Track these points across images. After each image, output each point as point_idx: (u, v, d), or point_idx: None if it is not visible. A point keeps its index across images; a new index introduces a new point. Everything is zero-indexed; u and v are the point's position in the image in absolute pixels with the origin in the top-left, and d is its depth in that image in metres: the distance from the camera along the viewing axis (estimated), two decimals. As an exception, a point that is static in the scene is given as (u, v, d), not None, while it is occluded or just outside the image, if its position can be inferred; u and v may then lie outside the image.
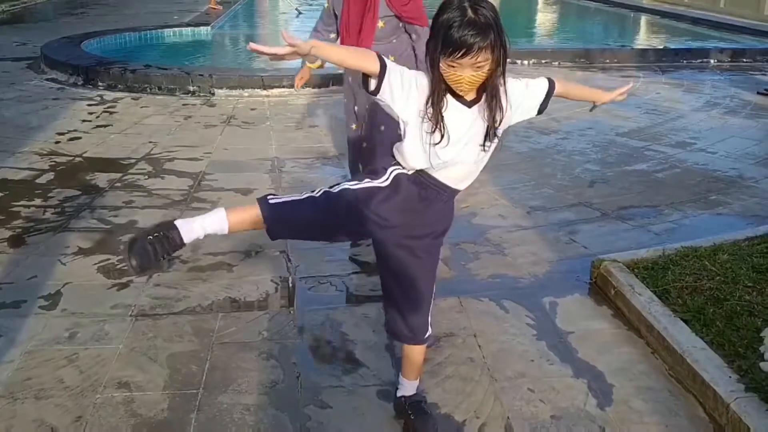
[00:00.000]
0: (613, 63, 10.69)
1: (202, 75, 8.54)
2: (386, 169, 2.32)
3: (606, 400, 2.82)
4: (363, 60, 2.12)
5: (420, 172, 2.28)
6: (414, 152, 2.22)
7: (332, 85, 8.34)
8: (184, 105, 7.89)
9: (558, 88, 2.38)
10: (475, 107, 2.18)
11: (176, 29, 13.08)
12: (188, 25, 13.49)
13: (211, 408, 2.73)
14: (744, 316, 3.08)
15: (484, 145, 2.22)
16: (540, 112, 2.37)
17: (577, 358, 3.09)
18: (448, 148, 2.17)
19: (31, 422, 2.64)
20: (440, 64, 2.05)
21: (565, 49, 11.60)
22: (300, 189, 5.19)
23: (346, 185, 2.35)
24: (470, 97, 2.17)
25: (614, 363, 3.06)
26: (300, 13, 16.45)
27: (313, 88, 8.44)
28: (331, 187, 2.37)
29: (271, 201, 2.36)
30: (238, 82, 8.46)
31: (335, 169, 5.68)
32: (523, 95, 2.30)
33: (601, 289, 3.65)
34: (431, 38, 2.08)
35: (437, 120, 2.13)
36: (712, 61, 10.92)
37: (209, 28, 13.51)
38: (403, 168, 2.30)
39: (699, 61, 10.93)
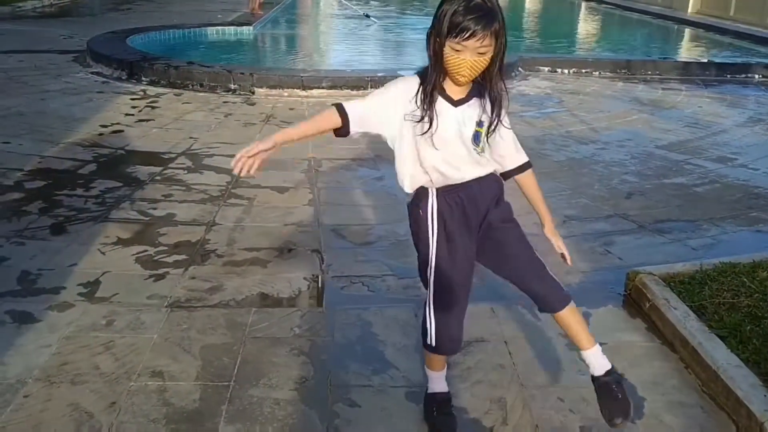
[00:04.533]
0: (655, 75, 10.57)
1: (243, 74, 8.64)
2: (426, 219, 2.40)
3: (637, 413, 2.78)
4: (325, 124, 2.25)
5: (442, 190, 2.35)
6: (415, 167, 2.32)
7: (370, 87, 8.36)
8: (224, 102, 8.00)
9: (524, 178, 2.51)
10: (463, 106, 2.24)
11: (219, 28, 13.26)
12: (231, 24, 13.65)
13: (241, 401, 2.77)
14: (782, 335, 3.03)
15: (478, 148, 2.29)
16: (504, 176, 2.49)
17: (608, 370, 3.06)
18: (439, 147, 2.24)
19: (66, 406, 2.70)
20: (444, 49, 2.10)
21: (606, 59, 11.48)
22: (335, 189, 5.25)
23: (432, 269, 2.44)
24: (458, 96, 2.23)
25: (646, 376, 3.02)
26: (368, 16, 16.47)
27: (351, 90, 8.49)
28: (424, 273, 2.49)
29: (436, 342, 2.54)
30: (278, 81, 8.54)
31: (370, 171, 5.71)
32: (504, 140, 2.39)
33: (635, 302, 3.62)
34: (434, 25, 2.13)
35: (430, 108, 2.20)
36: (756, 76, 10.73)
37: (251, 28, 13.66)
38: (427, 197, 2.37)
39: (743, 75, 10.75)
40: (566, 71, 10.53)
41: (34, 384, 2.81)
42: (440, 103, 2.22)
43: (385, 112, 2.26)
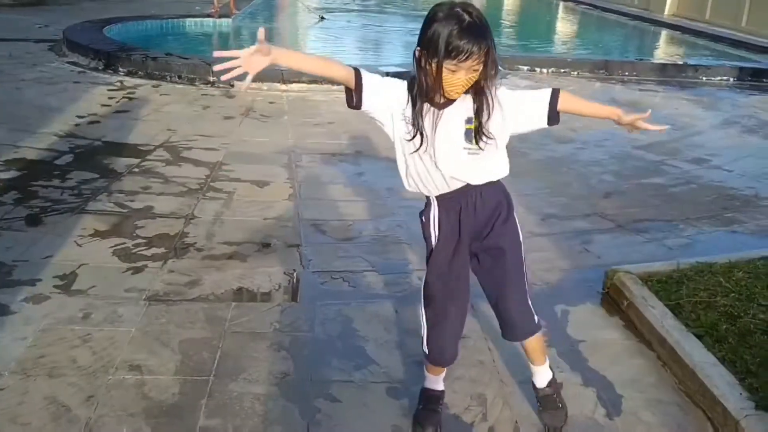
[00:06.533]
0: (632, 76, 10.66)
1: (222, 66, 8.55)
2: (428, 228, 2.42)
3: (615, 410, 2.81)
4: (338, 71, 2.20)
5: (443, 198, 2.36)
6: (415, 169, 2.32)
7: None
8: (203, 95, 7.93)
9: (565, 100, 2.35)
10: (448, 108, 2.22)
11: (197, 19, 13.15)
12: (209, 15, 13.52)
13: (221, 395, 2.75)
14: (757, 335, 3.07)
15: (473, 146, 2.24)
16: (551, 121, 2.36)
17: (587, 367, 3.09)
18: (433, 155, 2.24)
19: (42, 399, 2.66)
20: (443, 69, 2.07)
21: (585, 59, 11.57)
22: (316, 184, 5.23)
23: (426, 276, 2.49)
24: (442, 100, 2.21)
25: (624, 374, 3.05)
26: (323, 18, 16.31)
27: (331, 84, 8.44)
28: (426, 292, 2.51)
29: (428, 350, 2.56)
30: (258, 75, 8.43)
31: (351, 167, 5.70)
32: (520, 102, 2.33)
33: (613, 300, 3.65)
34: (425, 46, 2.10)
35: (421, 126, 2.20)
36: (731, 79, 10.87)
37: (230, 20, 13.55)
38: (430, 205, 2.39)
39: (719, 78, 10.88)
40: (545, 70, 10.57)
41: (11, 377, 2.77)
42: (428, 110, 2.21)
43: (386, 93, 2.24)
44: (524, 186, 5.39)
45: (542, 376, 2.70)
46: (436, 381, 2.73)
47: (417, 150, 2.23)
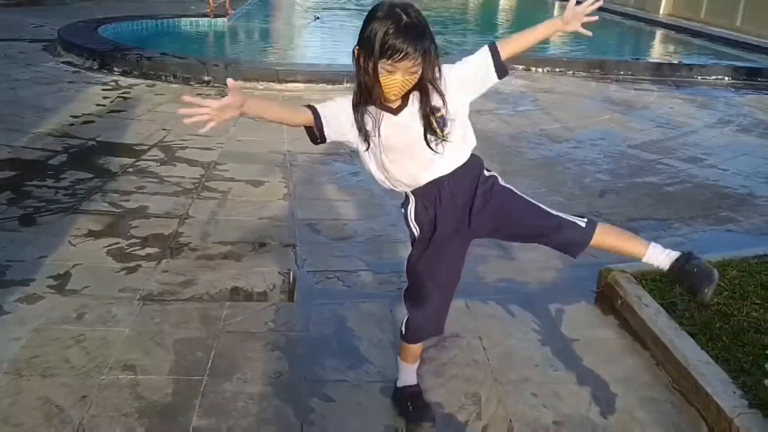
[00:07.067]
0: (627, 75, 10.67)
1: (217, 65, 8.57)
2: (407, 220, 2.47)
3: (609, 408, 2.82)
4: (297, 117, 2.25)
5: (418, 192, 2.38)
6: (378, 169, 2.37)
7: (346, 82, 8.34)
8: (198, 94, 7.90)
9: (504, 49, 2.33)
10: (404, 111, 2.23)
11: (192, 19, 13.13)
12: (205, 15, 13.51)
13: (215, 395, 2.74)
14: (750, 333, 3.08)
15: (435, 138, 2.24)
16: (500, 74, 2.32)
17: (581, 366, 3.09)
18: (393, 159, 2.28)
19: (35, 399, 2.65)
20: (376, 68, 2.08)
21: (580, 58, 11.57)
22: (310, 183, 5.22)
23: (408, 259, 2.56)
24: (396, 104, 2.22)
25: (618, 373, 3.06)
26: (318, 18, 16.25)
27: (327, 84, 8.45)
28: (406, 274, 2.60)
29: (406, 328, 2.67)
30: (253, 74, 8.48)
31: (346, 166, 5.69)
32: (465, 72, 2.30)
33: (608, 299, 3.65)
34: (363, 44, 2.10)
35: (363, 126, 2.23)
36: (726, 78, 10.88)
37: (225, 19, 13.53)
38: (408, 199, 2.42)
39: (714, 77, 10.90)
40: (540, 70, 10.59)
41: (3, 377, 2.76)
42: (381, 116, 2.22)
43: (342, 113, 2.28)
44: (519, 185, 5.29)
45: (658, 258, 2.52)
46: (410, 372, 2.77)
47: (367, 149, 2.27)
